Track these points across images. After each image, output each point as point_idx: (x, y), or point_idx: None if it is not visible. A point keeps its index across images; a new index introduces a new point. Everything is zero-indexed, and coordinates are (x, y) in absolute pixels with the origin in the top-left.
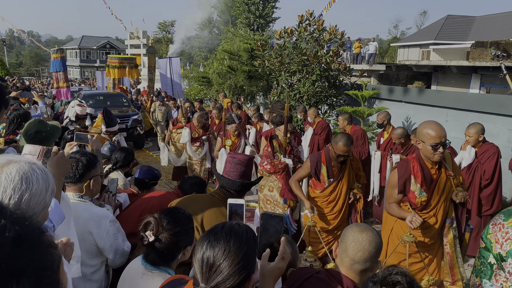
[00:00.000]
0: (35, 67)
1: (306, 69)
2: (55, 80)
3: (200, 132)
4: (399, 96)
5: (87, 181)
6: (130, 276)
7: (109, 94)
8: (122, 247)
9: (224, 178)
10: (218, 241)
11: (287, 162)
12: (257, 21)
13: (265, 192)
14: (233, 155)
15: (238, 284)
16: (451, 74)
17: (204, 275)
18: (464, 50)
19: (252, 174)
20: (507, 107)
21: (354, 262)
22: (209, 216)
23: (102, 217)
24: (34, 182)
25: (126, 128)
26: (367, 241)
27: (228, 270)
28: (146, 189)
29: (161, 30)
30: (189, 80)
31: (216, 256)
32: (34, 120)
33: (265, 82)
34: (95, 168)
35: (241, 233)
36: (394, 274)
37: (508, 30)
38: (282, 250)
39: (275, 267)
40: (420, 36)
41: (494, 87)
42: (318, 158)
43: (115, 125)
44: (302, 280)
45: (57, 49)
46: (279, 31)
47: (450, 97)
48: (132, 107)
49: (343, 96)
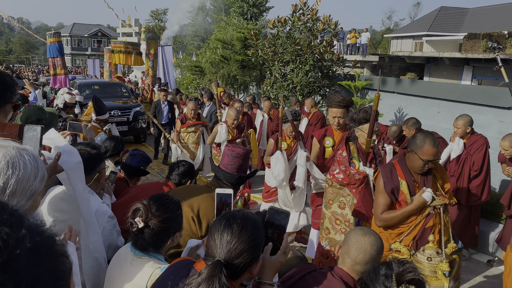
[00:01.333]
0: (25, 55)
1: (299, 59)
2: (51, 66)
3: (234, 133)
4: (391, 87)
5: (96, 174)
6: (119, 263)
7: (107, 83)
8: (116, 242)
9: (221, 171)
10: (236, 222)
11: (367, 172)
12: (251, 10)
13: (333, 209)
14: (231, 148)
15: (249, 262)
16: (443, 66)
17: (222, 249)
18: (457, 42)
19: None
20: (498, 98)
21: (355, 263)
22: (205, 207)
23: (101, 213)
24: (21, 168)
25: (127, 121)
26: (369, 244)
27: (242, 246)
28: (139, 175)
29: (153, 18)
30: (182, 69)
31: (234, 233)
32: (34, 107)
33: (258, 72)
34: (103, 161)
35: (255, 219)
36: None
37: (501, 22)
38: (284, 245)
39: (276, 260)
40: (413, 28)
41: (486, 79)
42: (392, 172)
43: (106, 113)
44: (305, 273)
45: (53, 33)
46: (273, 20)
47: (442, 88)
48: (132, 97)
49: (336, 87)
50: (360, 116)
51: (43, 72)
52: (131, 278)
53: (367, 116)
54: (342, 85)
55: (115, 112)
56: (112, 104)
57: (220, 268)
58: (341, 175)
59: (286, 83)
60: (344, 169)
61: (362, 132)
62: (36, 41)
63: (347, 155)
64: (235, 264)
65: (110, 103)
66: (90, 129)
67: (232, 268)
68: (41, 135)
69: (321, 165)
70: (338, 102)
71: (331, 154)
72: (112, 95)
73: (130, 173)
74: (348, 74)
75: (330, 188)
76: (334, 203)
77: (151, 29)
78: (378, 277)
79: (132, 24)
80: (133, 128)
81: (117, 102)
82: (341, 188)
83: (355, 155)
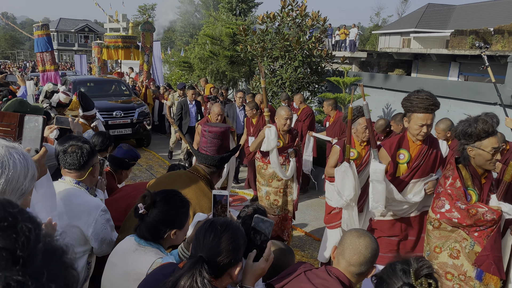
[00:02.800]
0: (10, 50)
1: (288, 55)
2: (40, 62)
3: (286, 140)
4: (379, 83)
5: (89, 168)
6: (122, 251)
7: (104, 81)
8: (110, 236)
9: (201, 155)
10: (219, 224)
11: (504, 210)
12: (239, 6)
13: (442, 259)
14: (208, 129)
15: (229, 262)
16: (430, 62)
17: (205, 246)
18: (444, 39)
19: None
20: (484, 94)
21: (349, 264)
22: (191, 197)
23: (94, 207)
24: (10, 167)
25: (131, 123)
26: (363, 246)
27: (223, 245)
28: (124, 169)
29: (141, 14)
30: (170, 65)
31: (216, 233)
32: (15, 100)
33: (247, 67)
34: (96, 155)
35: (237, 224)
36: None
37: (487, 19)
38: (267, 252)
39: (258, 266)
40: (401, 24)
41: (472, 75)
42: None
43: (93, 108)
44: (301, 272)
45: (41, 25)
46: (262, 16)
47: (429, 84)
48: (133, 95)
49: (325, 83)
50: (479, 128)
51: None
52: (132, 265)
53: (489, 128)
54: (331, 81)
55: (117, 113)
56: (112, 104)
57: (201, 262)
58: (455, 213)
59: (275, 79)
60: (466, 206)
61: (482, 151)
62: (22, 36)
63: (462, 185)
64: (216, 262)
65: (110, 103)
66: (78, 123)
67: (213, 266)
68: (43, 126)
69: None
70: (429, 106)
71: (406, 172)
72: (111, 94)
73: (115, 165)
74: (337, 70)
75: (437, 231)
76: (442, 251)
77: (147, 20)
78: (395, 273)
79: (119, 19)
80: (137, 131)
81: (117, 101)
82: (453, 230)
83: (469, 184)
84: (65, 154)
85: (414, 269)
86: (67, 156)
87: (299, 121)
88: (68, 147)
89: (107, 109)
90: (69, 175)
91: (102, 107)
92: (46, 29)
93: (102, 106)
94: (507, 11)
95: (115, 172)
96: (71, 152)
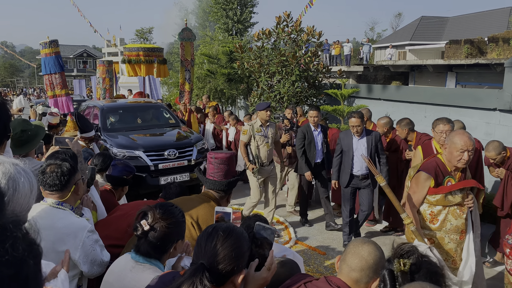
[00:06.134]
0: (10, 78)
1: (285, 70)
2: (49, 85)
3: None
4: (377, 94)
5: (72, 187)
6: (118, 269)
7: (140, 106)
8: (101, 257)
9: (210, 181)
10: (222, 230)
11: None
12: (236, 26)
13: None
14: (214, 155)
15: (231, 270)
16: (427, 73)
17: (206, 253)
18: (439, 50)
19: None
20: (483, 100)
21: (351, 269)
22: (204, 213)
23: (79, 228)
24: (20, 185)
25: (189, 166)
26: (366, 251)
27: (226, 252)
28: (123, 185)
29: (138, 37)
30: (169, 86)
31: (219, 239)
32: (18, 119)
33: (245, 84)
34: (78, 172)
35: (240, 231)
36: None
37: (480, 29)
38: (269, 261)
39: (259, 276)
40: (395, 38)
41: (469, 84)
42: None
43: (91, 130)
44: (301, 283)
45: (49, 42)
46: (257, 32)
47: (428, 92)
48: (182, 125)
49: (323, 96)
50: None
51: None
52: (129, 283)
53: None
54: (329, 93)
55: (170, 153)
56: (160, 139)
57: (202, 269)
58: None
59: (273, 94)
60: None
61: None
62: (21, 64)
63: None
64: (218, 270)
65: (156, 137)
66: (77, 142)
67: (214, 274)
68: None
69: None
70: None
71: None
72: (152, 124)
73: (114, 183)
74: (334, 83)
75: None
76: None
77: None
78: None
79: (117, 43)
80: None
81: (165, 134)
82: None
83: None
84: (43, 174)
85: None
86: (46, 176)
87: None
88: (46, 167)
89: (154, 147)
90: (50, 196)
91: (147, 145)
92: (55, 47)
93: (147, 144)
94: (499, 21)
95: (115, 190)
96: (50, 172)
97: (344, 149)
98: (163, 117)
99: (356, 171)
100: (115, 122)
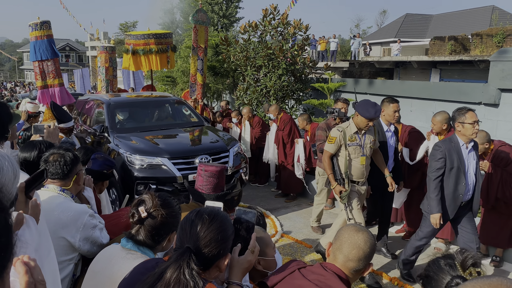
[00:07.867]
0: None
1: (272, 63)
2: (39, 74)
3: None
4: (364, 88)
5: (73, 176)
6: (106, 257)
7: (152, 101)
8: (101, 239)
9: (198, 193)
10: (206, 213)
11: None
12: (221, 21)
13: None
14: (204, 168)
15: (217, 254)
16: (412, 70)
17: (192, 237)
18: (423, 47)
19: None
20: (468, 94)
21: (348, 259)
22: None
23: (81, 212)
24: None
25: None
26: (362, 240)
27: (211, 235)
28: (103, 180)
29: (122, 31)
30: (153, 80)
31: (204, 222)
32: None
33: (231, 78)
34: (80, 163)
35: (224, 214)
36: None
37: (464, 26)
38: (252, 244)
39: (244, 259)
40: (381, 34)
41: (453, 81)
42: None
43: (70, 120)
44: (295, 269)
45: (40, 23)
46: (244, 25)
47: (413, 87)
48: (207, 124)
49: (309, 90)
50: None
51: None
52: (119, 271)
53: None
54: (316, 87)
55: (203, 159)
56: (188, 142)
57: (189, 253)
58: None
59: (259, 87)
60: None
61: None
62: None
63: None
64: (204, 253)
65: (183, 142)
66: (53, 131)
67: (200, 257)
68: None
69: None
70: None
71: None
72: (171, 122)
73: (95, 178)
74: (321, 77)
75: None
76: None
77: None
78: (441, 268)
79: (101, 37)
80: (233, 187)
81: (194, 136)
82: None
83: None
84: (46, 163)
85: (459, 262)
86: (48, 165)
87: (279, 130)
88: (49, 155)
89: (182, 153)
90: (52, 183)
91: (173, 150)
92: (47, 29)
93: (173, 149)
94: (482, 19)
95: (95, 185)
96: (53, 161)
97: (452, 165)
98: (183, 114)
99: (466, 195)
100: (125, 121)
